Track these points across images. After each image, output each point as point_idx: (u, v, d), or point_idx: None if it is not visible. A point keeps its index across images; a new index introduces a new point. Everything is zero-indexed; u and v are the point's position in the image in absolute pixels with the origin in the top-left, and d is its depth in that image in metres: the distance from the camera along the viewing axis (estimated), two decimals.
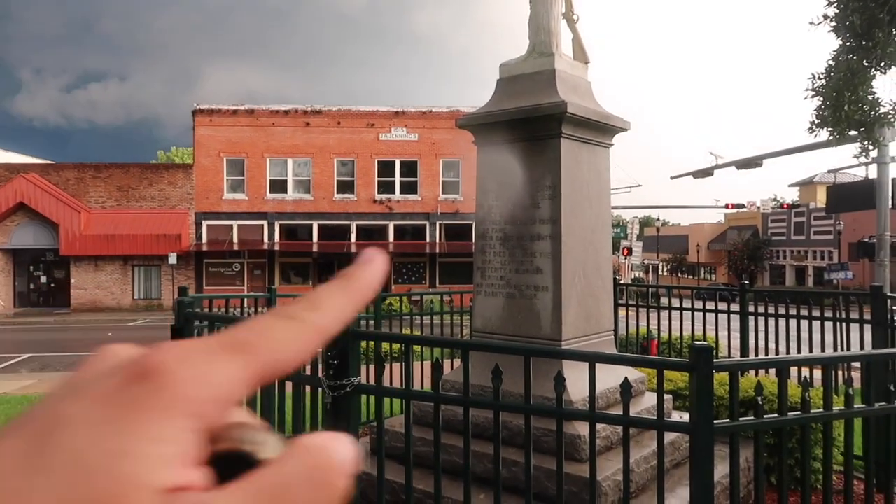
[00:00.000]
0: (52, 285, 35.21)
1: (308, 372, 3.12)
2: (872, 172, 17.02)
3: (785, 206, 46.72)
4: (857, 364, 6.87)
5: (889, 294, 5.68)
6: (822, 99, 7.27)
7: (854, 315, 6.24)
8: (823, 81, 7.24)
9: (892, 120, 7.12)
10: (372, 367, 3.08)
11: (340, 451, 0.34)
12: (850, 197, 17.18)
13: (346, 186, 35.41)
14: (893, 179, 15.48)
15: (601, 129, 5.10)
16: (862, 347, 5.81)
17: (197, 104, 34.57)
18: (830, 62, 7.17)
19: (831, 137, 7.54)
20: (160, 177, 34.95)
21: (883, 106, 7.11)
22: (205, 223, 34.38)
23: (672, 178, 31.65)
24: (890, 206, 15.37)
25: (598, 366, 2.70)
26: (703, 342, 2.54)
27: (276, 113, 34.84)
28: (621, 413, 2.67)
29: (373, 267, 0.45)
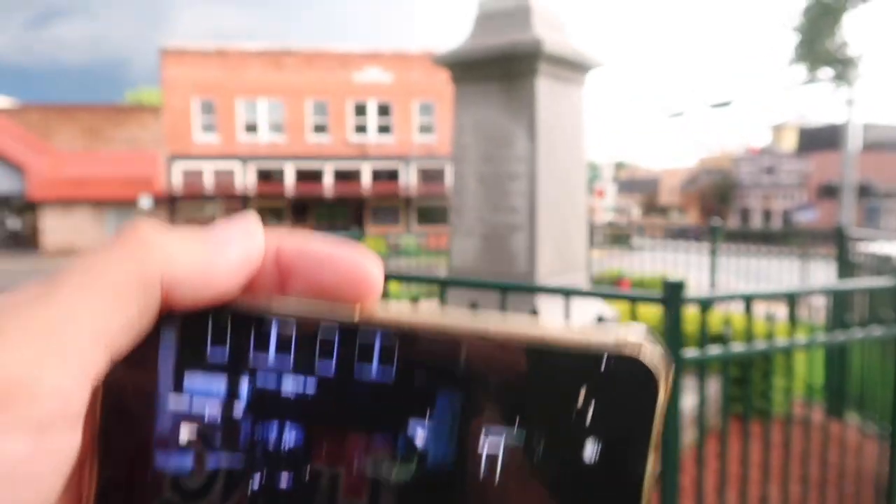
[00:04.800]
0: (22, 230, 34.64)
1: None
2: (841, 117, 17.17)
3: (754, 150, 47.14)
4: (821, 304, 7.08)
5: (853, 234, 5.81)
6: (800, 36, 7.31)
7: (818, 256, 6.40)
8: (802, 20, 7.25)
9: (857, 63, 7.18)
10: None
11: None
12: (818, 140, 17.35)
13: (319, 128, 34.96)
14: (863, 125, 15.64)
15: (576, 67, 5.09)
16: None
17: (165, 44, 33.60)
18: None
19: (808, 73, 7.59)
20: (129, 119, 34.16)
21: (851, 46, 7.16)
22: (176, 166, 33.83)
23: (645, 120, 31.62)
24: (858, 148, 15.57)
25: (571, 302, 2.76)
26: (675, 278, 2.62)
27: (247, 53, 34.02)
28: None
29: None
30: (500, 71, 4.88)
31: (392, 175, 35.81)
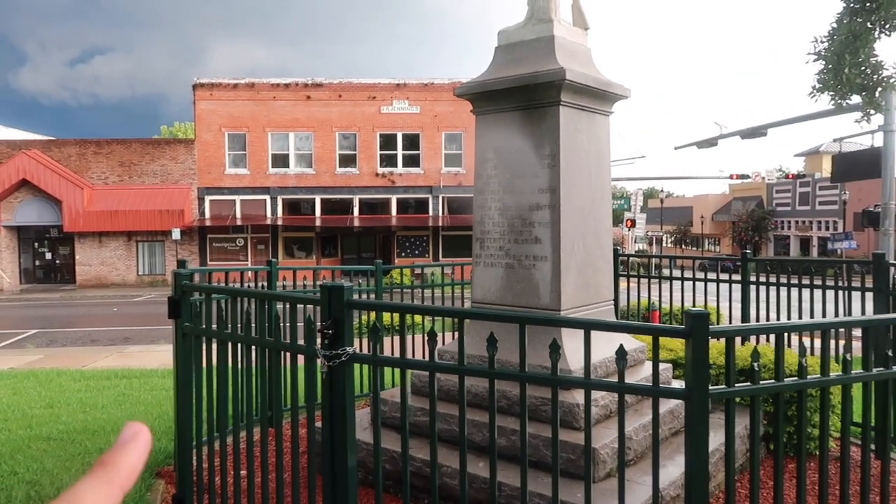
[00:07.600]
0: (57, 262, 35.37)
1: (303, 342, 3.11)
2: (879, 141, 16.84)
3: (790, 176, 46.40)
4: (857, 333, 6.85)
5: (891, 262, 5.62)
6: (823, 63, 7.12)
7: (857, 285, 6.21)
8: (826, 45, 7.08)
9: (892, 88, 6.97)
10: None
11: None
12: (855, 166, 17.01)
13: (348, 160, 35.31)
14: None
15: (601, 97, 5.03)
16: (864, 315, 5.79)
17: (197, 78, 34.39)
18: (833, 25, 7.01)
19: (832, 103, 7.38)
20: (162, 152, 34.87)
21: (886, 69, 6.95)
22: (207, 198, 34.36)
23: (676, 148, 31.57)
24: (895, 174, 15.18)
25: (597, 335, 2.68)
26: (699, 309, 2.52)
27: (277, 86, 34.63)
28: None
29: (135, 448, 0.51)
30: (522, 101, 4.84)
31: (419, 206, 35.94)
